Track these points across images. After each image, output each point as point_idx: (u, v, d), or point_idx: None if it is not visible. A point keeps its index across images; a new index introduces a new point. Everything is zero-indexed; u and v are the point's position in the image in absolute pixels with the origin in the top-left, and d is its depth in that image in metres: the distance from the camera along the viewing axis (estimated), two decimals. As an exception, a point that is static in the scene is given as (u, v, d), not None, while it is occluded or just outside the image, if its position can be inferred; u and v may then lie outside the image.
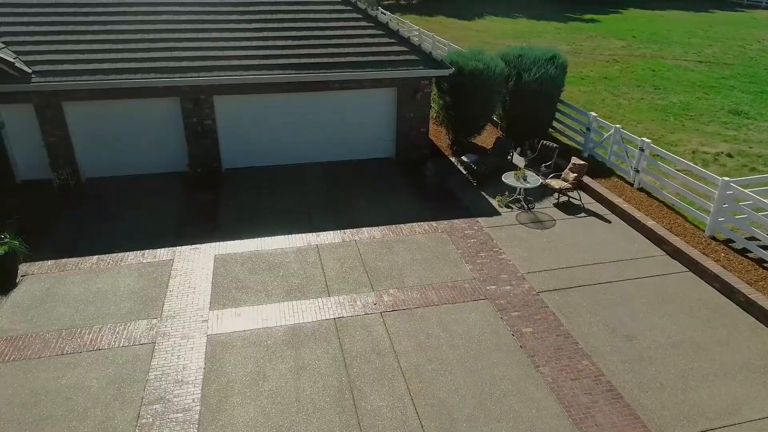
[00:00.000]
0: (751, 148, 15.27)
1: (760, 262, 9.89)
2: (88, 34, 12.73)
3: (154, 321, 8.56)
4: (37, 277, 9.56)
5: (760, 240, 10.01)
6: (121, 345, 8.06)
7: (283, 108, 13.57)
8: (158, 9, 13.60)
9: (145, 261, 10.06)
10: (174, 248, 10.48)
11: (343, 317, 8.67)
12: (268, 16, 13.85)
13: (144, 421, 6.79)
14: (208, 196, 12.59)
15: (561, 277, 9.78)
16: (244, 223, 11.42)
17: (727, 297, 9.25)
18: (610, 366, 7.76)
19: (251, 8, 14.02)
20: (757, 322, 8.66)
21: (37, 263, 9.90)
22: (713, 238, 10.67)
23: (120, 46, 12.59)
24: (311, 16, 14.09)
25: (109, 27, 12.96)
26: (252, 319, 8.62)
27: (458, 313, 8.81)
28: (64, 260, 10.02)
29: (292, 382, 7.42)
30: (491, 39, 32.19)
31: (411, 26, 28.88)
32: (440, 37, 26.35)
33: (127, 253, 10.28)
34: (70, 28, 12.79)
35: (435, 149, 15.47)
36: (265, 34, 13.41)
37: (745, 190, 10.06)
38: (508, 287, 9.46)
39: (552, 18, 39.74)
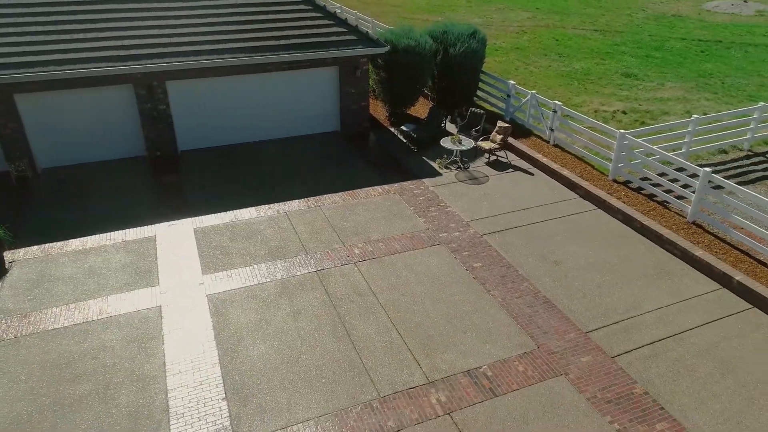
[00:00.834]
0: (640, 105, 17.95)
1: (651, 196, 12.29)
2: (37, 26, 12.89)
3: (154, 288, 9.51)
4: (26, 262, 10.13)
5: (651, 179, 12.41)
6: (129, 311, 8.99)
7: (235, 89, 14.42)
8: (102, -2, 13.90)
9: (128, 239, 10.85)
10: (152, 226, 11.30)
11: (323, 269, 10.05)
12: (212, 2, 14.51)
13: (171, 366, 7.91)
14: (171, 177, 13.34)
15: (498, 222, 11.67)
16: (213, 199, 12.37)
17: (627, 225, 11.54)
18: (544, 285, 9.73)
19: (193, -5, 14.60)
20: (651, 242, 10.98)
21: (21, 250, 10.42)
22: (615, 180, 12.99)
23: (69, 37, 12.87)
24: (253, 1, 14.88)
25: (55, 18, 13.16)
26: (244, 278, 9.80)
27: (419, 257, 10.45)
28: (47, 245, 10.59)
29: (291, 323, 8.77)
30: (408, 14, 33.69)
31: (333, 3, 29.76)
32: (361, 13, 27.51)
33: (109, 233, 11.01)
34: (17, 20, 12.87)
35: (375, 122, 16.90)
36: (211, 20, 14.10)
37: (638, 140, 12.37)
38: (457, 233, 11.22)
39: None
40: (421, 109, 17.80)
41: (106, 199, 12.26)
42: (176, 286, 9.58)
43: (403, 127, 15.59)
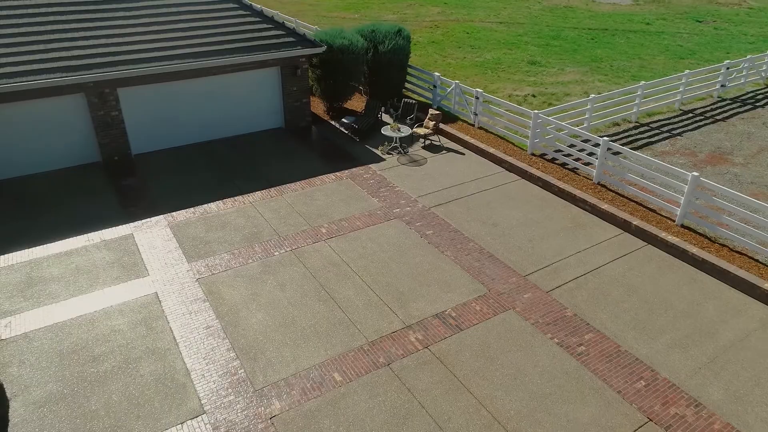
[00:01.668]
0: (546, 89, 20.50)
1: (563, 165, 14.58)
2: (-17, 40, 13.03)
3: (145, 278, 10.39)
4: (11, 267, 10.60)
5: (562, 150, 14.71)
6: (127, 299, 9.85)
7: (184, 93, 15.18)
8: (47, 10, 14.15)
9: (107, 239, 11.54)
10: (127, 225, 12.03)
11: (298, 248, 11.34)
12: (155, 11, 15.13)
13: (181, 339, 8.95)
14: (131, 180, 13.96)
15: (441, 196, 13.46)
16: (179, 196, 13.21)
17: (546, 190, 13.73)
18: (486, 243, 11.60)
19: (136, 4, 15.12)
20: (567, 202, 13.21)
21: (1, 257, 10.84)
22: (533, 154, 15.19)
23: (19, 49, 13.11)
24: (194, 8, 15.65)
25: (3, 31, 13.31)
26: (227, 261, 10.89)
27: (379, 230, 12.00)
28: (25, 251, 11.06)
29: (280, 294, 10.03)
30: (325, 12, 34.93)
31: (254, 5, 30.33)
32: (282, 14, 28.47)
33: (86, 235, 11.62)
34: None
35: (316, 116, 18.18)
36: (157, 27, 14.76)
37: (549, 118, 14.60)
38: (408, 208, 12.88)
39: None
40: (356, 102, 19.29)
41: (73, 205, 12.74)
42: (166, 274, 10.50)
43: (343, 120, 17.03)
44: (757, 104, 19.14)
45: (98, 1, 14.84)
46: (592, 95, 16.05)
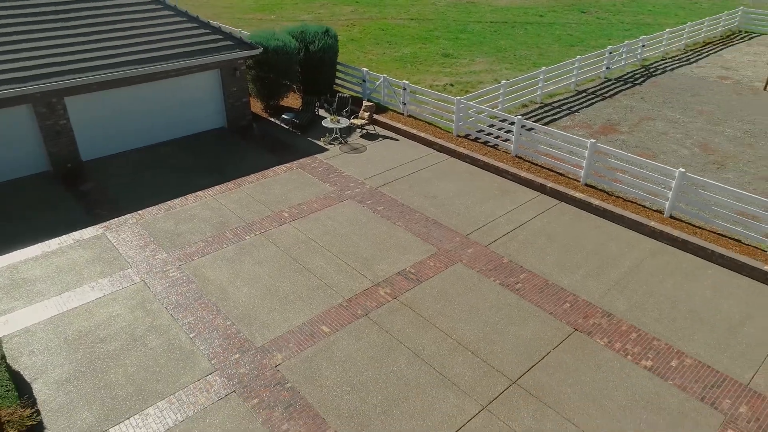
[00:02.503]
0: (461, 78, 22.76)
1: (485, 143, 16.76)
2: None
3: (128, 270, 11.24)
4: (-12, 273, 11.03)
5: (483, 130, 16.89)
6: (117, 289, 10.69)
7: (130, 98, 15.76)
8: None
9: (81, 239, 12.16)
10: (96, 226, 12.68)
11: (266, 231, 12.59)
12: (94, 20, 15.55)
13: (179, 316, 9.99)
14: (89, 185, 14.45)
15: (384, 177, 15.14)
16: (140, 197, 13.94)
17: (474, 165, 15.82)
18: (429, 212, 13.44)
19: (73, 14, 15.47)
20: (492, 174, 15.36)
21: (-23, 265, 11.22)
22: (458, 135, 17.26)
23: (-41, 64, 13.22)
24: (132, 16, 16.21)
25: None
26: (203, 248, 11.94)
27: (336, 210, 13.49)
28: (0, 257, 11.49)
29: (259, 269, 11.28)
30: (240, 14, 35.48)
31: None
32: (201, 17, 28.83)
33: (58, 238, 12.17)
34: None
35: (255, 115, 19.22)
36: (98, 36, 15.22)
37: (470, 103, 16.71)
38: (358, 189, 14.45)
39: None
40: (291, 100, 20.50)
41: (35, 214, 13.12)
42: (148, 264, 11.40)
43: (284, 116, 18.25)
44: (636, 82, 22.49)
45: (38, 13, 15.07)
46: (504, 81, 18.39)
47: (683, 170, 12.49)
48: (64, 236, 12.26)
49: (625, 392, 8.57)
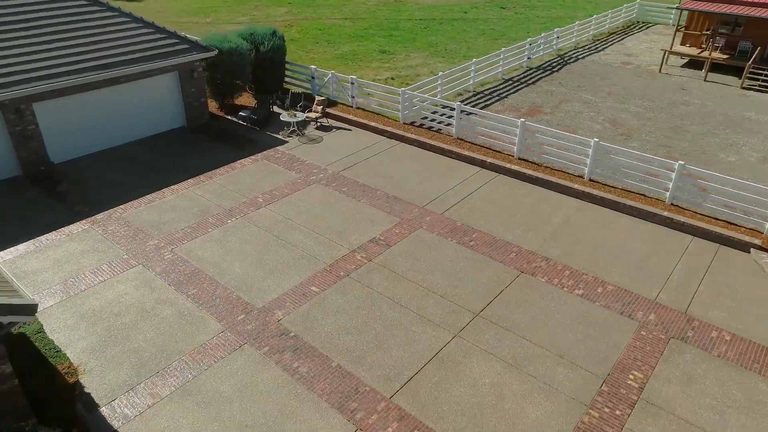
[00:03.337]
0: (400, 72, 24.70)
1: (430, 128, 18.76)
2: None
3: (125, 256, 12.28)
4: (-13, 270, 11.74)
5: (427, 117, 18.88)
6: (119, 273, 11.75)
7: (96, 102, 16.50)
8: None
9: (71, 233, 13.02)
10: (81, 222, 13.54)
11: (246, 215, 13.93)
12: (54, 28, 16.14)
13: (183, 290, 11.23)
14: (64, 186, 15.14)
15: (344, 162, 16.78)
16: (118, 194, 14.84)
17: (422, 148, 17.77)
18: (388, 189, 15.23)
19: (34, 23, 15.99)
20: (438, 154, 17.36)
21: (-26, 263, 11.88)
22: (405, 123, 19.16)
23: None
24: (92, 23, 16.89)
25: None
26: (190, 233, 13.13)
27: (305, 193, 15.00)
28: (-5, 255, 12.21)
29: (247, 247, 12.65)
30: (175, 18, 35.75)
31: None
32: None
33: (48, 235, 12.96)
34: None
35: (212, 114, 20.25)
36: (61, 43, 15.85)
37: (414, 93, 18.63)
38: (322, 175, 16.02)
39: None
40: (244, 99, 21.66)
41: (19, 212, 13.75)
42: (141, 251, 12.49)
43: (241, 114, 19.45)
44: (554, 70, 25.31)
45: (2, 23, 15.48)
46: (441, 73, 20.48)
47: (597, 140, 14.98)
48: (53, 233, 13.06)
49: (564, 314, 10.75)
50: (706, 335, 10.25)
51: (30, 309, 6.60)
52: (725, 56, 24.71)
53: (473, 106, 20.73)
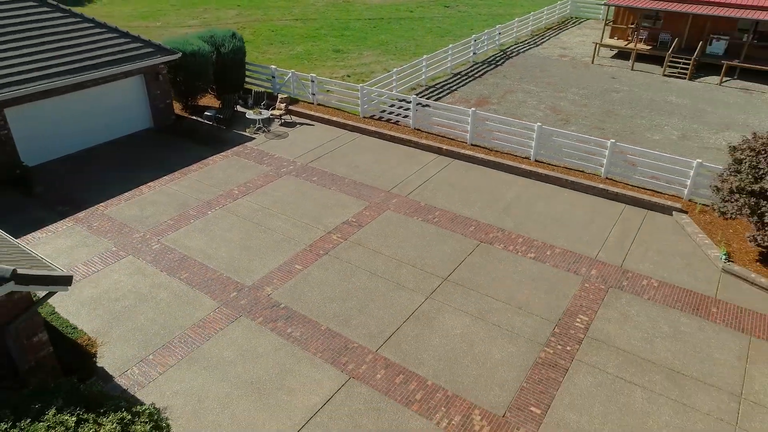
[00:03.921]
0: (355, 69, 25.93)
1: (388, 120, 20.12)
2: None
3: (113, 248, 13.02)
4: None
5: (385, 110, 20.23)
6: (111, 263, 12.49)
7: (66, 106, 16.96)
8: None
9: (57, 231, 13.60)
10: (65, 220, 14.12)
11: (224, 206, 14.86)
12: (23, 35, 16.47)
13: (175, 275, 12.11)
14: (42, 188, 15.58)
15: (311, 155, 17.91)
16: (97, 192, 15.43)
17: (382, 139, 19.11)
18: (355, 177, 16.47)
19: (1, 30, 16.28)
20: (397, 144, 18.74)
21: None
22: (365, 117, 20.44)
23: None
24: (58, 29, 17.29)
25: None
26: (173, 225, 13.96)
27: (278, 184, 16.05)
28: (-16, 254, 12.67)
29: (230, 234, 13.61)
30: (124, 22, 35.63)
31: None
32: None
33: (34, 233, 13.50)
34: None
35: (178, 115, 20.89)
36: (29, 50, 16.23)
37: (372, 88, 19.94)
38: (291, 167, 17.09)
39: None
40: (207, 99, 22.36)
41: (1, 213, 14.21)
42: (129, 242, 13.25)
43: (206, 113, 20.22)
44: (498, 64, 27.20)
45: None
46: (395, 69, 21.86)
47: (540, 125, 16.75)
48: (38, 232, 13.60)
49: (519, 274, 12.33)
50: (637, 283, 12.06)
51: (66, 280, 7.48)
52: (648, 47, 27.30)
53: (427, 99, 22.22)
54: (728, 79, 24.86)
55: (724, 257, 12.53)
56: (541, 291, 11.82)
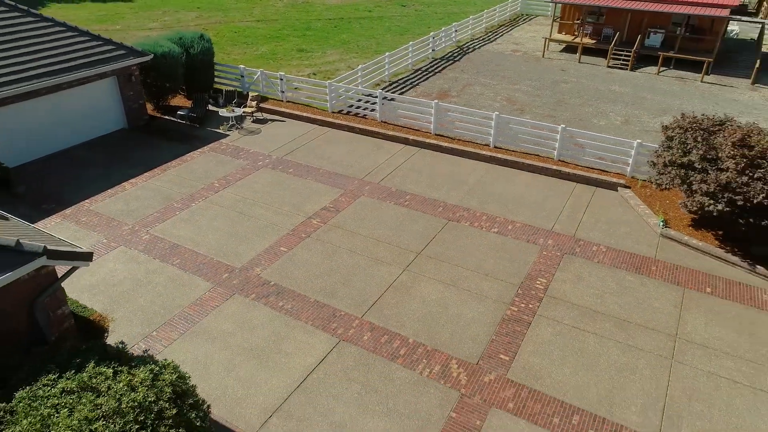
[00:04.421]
0: (320, 68, 26.91)
1: (356, 115, 21.23)
2: None
3: (104, 240, 13.68)
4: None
5: (353, 105, 21.33)
6: (103, 254, 13.17)
7: (43, 108, 17.36)
8: None
9: (46, 227, 14.14)
10: (52, 217, 14.66)
11: (207, 198, 15.67)
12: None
13: (167, 262, 12.91)
14: (23, 188, 16.00)
15: (285, 149, 18.85)
16: (80, 190, 15.98)
17: (351, 132, 20.22)
18: (329, 168, 17.52)
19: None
20: (366, 136, 19.89)
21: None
22: (333, 112, 21.50)
23: None
24: (31, 33, 17.65)
25: None
26: (160, 217, 14.71)
27: (256, 176, 16.95)
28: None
29: (215, 223, 14.46)
30: (83, 26, 35.31)
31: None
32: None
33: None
34: None
35: (151, 115, 21.42)
36: (2, 54, 16.58)
37: (339, 84, 21.00)
38: (267, 160, 18.00)
39: (104, 0, 44.25)
40: (178, 99, 22.94)
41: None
42: (119, 235, 13.94)
43: (179, 112, 20.86)
44: (455, 59, 28.69)
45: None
46: (360, 66, 22.98)
47: (498, 114, 18.21)
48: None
49: (485, 246, 13.68)
50: (588, 249, 13.60)
51: (87, 256, 8.29)
52: (593, 41, 29.34)
53: (392, 94, 23.43)
54: (665, 69, 27.08)
55: (661, 224, 14.22)
56: (505, 260, 13.19)
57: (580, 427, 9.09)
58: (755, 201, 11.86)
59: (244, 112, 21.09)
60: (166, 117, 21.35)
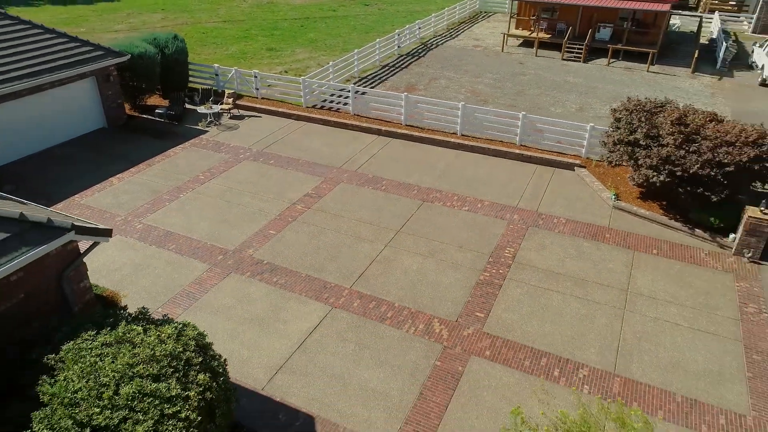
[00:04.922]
0: (291, 66, 27.82)
1: (330, 109, 22.29)
2: None
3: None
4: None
5: (326, 100, 22.39)
6: (105, 244, 13.85)
7: (24, 108, 17.81)
8: None
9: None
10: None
11: (193, 189, 16.50)
12: (-26, 44, 17.18)
13: (164, 247, 13.74)
14: (10, 186, 16.47)
15: (264, 142, 19.77)
16: (68, 187, 16.56)
17: (326, 125, 21.28)
18: (308, 158, 18.56)
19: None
20: (341, 129, 20.98)
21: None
22: (308, 107, 22.50)
23: None
24: (8, 36, 18.03)
25: None
26: (150, 208, 15.47)
27: (240, 168, 17.84)
28: (-26, 245, 13.66)
29: (204, 212, 15.33)
30: (45, 29, 35.27)
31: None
32: None
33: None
34: None
35: (129, 115, 21.97)
36: (-15, 57, 17.00)
37: (313, 80, 22.01)
38: (249, 153, 18.90)
39: (64, 3, 43.93)
40: (154, 99, 23.51)
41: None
42: (113, 225, 14.66)
43: (158, 111, 21.50)
44: (420, 55, 30.04)
45: None
46: (330, 63, 24.05)
47: (464, 104, 19.59)
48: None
49: (458, 222, 15.00)
50: (550, 222, 15.09)
51: (108, 232, 9.15)
52: (548, 36, 31.16)
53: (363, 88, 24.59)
54: (614, 60, 29.09)
55: (613, 197, 15.84)
56: (476, 233, 14.54)
57: (547, 367, 10.48)
58: (691, 171, 13.54)
59: (221, 109, 21.88)
60: (144, 116, 21.95)
